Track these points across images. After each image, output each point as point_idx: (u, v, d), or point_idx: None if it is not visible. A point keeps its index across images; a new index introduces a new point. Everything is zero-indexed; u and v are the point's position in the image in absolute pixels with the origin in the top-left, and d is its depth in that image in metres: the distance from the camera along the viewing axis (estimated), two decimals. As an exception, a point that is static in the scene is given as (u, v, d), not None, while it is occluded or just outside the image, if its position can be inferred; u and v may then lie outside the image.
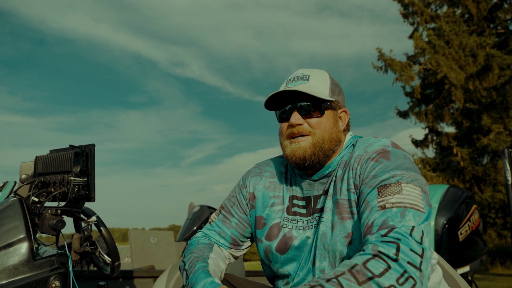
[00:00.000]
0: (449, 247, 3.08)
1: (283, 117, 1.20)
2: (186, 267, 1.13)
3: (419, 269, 0.83)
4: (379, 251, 0.84)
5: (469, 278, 3.13)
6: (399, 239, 0.85)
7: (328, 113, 1.17)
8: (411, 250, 0.84)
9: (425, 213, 0.94)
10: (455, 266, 3.06)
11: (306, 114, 1.15)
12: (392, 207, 0.94)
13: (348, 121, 1.25)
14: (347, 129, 1.25)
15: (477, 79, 11.00)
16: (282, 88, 1.20)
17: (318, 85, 1.17)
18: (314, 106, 1.16)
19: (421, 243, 0.87)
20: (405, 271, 0.81)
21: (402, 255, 0.83)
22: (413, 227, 0.89)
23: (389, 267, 0.81)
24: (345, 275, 0.81)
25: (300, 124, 1.15)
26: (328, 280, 0.81)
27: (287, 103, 1.18)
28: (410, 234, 0.87)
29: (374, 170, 1.05)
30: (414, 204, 0.94)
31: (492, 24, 12.66)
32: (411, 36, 12.90)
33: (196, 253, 1.17)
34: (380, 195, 0.98)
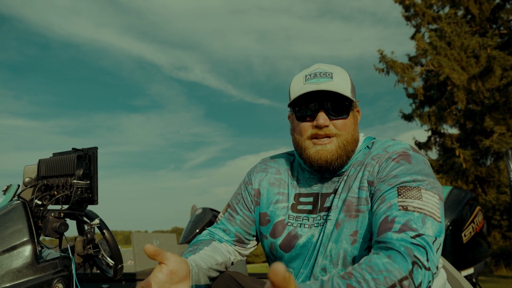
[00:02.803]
0: (453, 249, 3.07)
1: (305, 116, 1.13)
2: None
3: (433, 280, 0.87)
4: (415, 256, 0.84)
5: (474, 280, 3.11)
6: (425, 247, 0.87)
7: (351, 114, 1.15)
8: (434, 260, 0.87)
9: (441, 223, 0.95)
10: (459, 268, 3.04)
11: (332, 116, 1.11)
12: (414, 211, 0.94)
13: None
14: None
15: (479, 80, 10.96)
16: (300, 82, 1.14)
17: (342, 84, 1.12)
18: (340, 106, 1.11)
19: (436, 255, 0.89)
20: (430, 281, 0.85)
21: (430, 264, 0.85)
22: (436, 238, 0.90)
23: (423, 276, 0.84)
24: None
25: (327, 126, 1.10)
26: None
27: (310, 101, 1.11)
28: (433, 244, 0.89)
29: (395, 171, 1.04)
30: (432, 212, 0.95)
31: (494, 24, 12.62)
32: (412, 38, 12.88)
33: (190, 248, 1.17)
34: (401, 196, 0.98)
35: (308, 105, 1.12)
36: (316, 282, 0.79)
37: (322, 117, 1.09)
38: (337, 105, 1.11)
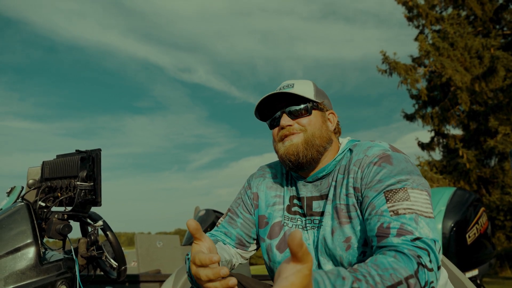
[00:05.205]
0: (457, 250, 3.05)
1: (274, 124, 1.24)
2: (188, 256, 1.14)
3: (437, 280, 0.88)
4: (419, 257, 0.86)
5: (478, 281, 3.09)
6: (427, 249, 0.89)
7: (315, 112, 1.22)
8: (436, 261, 0.89)
9: (433, 218, 0.98)
10: (464, 269, 3.03)
11: (295, 116, 1.20)
12: (405, 214, 0.96)
13: (338, 124, 1.29)
14: (338, 132, 1.29)
15: (483, 81, 10.91)
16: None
17: (302, 90, 1.21)
18: (302, 108, 1.21)
19: (438, 256, 0.92)
20: (433, 282, 0.86)
21: (433, 265, 0.87)
22: (435, 241, 0.92)
23: (428, 277, 0.85)
24: (402, 286, 0.80)
25: (290, 125, 1.19)
26: (389, 287, 0.79)
27: (275, 110, 1.23)
28: (434, 245, 0.91)
29: (378, 175, 1.06)
30: (423, 211, 0.97)
31: (498, 25, 12.57)
32: (416, 39, 12.85)
33: None
34: (389, 200, 1.00)
35: (274, 114, 1.24)
36: (331, 271, 0.78)
37: (283, 119, 1.20)
38: (298, 106, 1.20)
